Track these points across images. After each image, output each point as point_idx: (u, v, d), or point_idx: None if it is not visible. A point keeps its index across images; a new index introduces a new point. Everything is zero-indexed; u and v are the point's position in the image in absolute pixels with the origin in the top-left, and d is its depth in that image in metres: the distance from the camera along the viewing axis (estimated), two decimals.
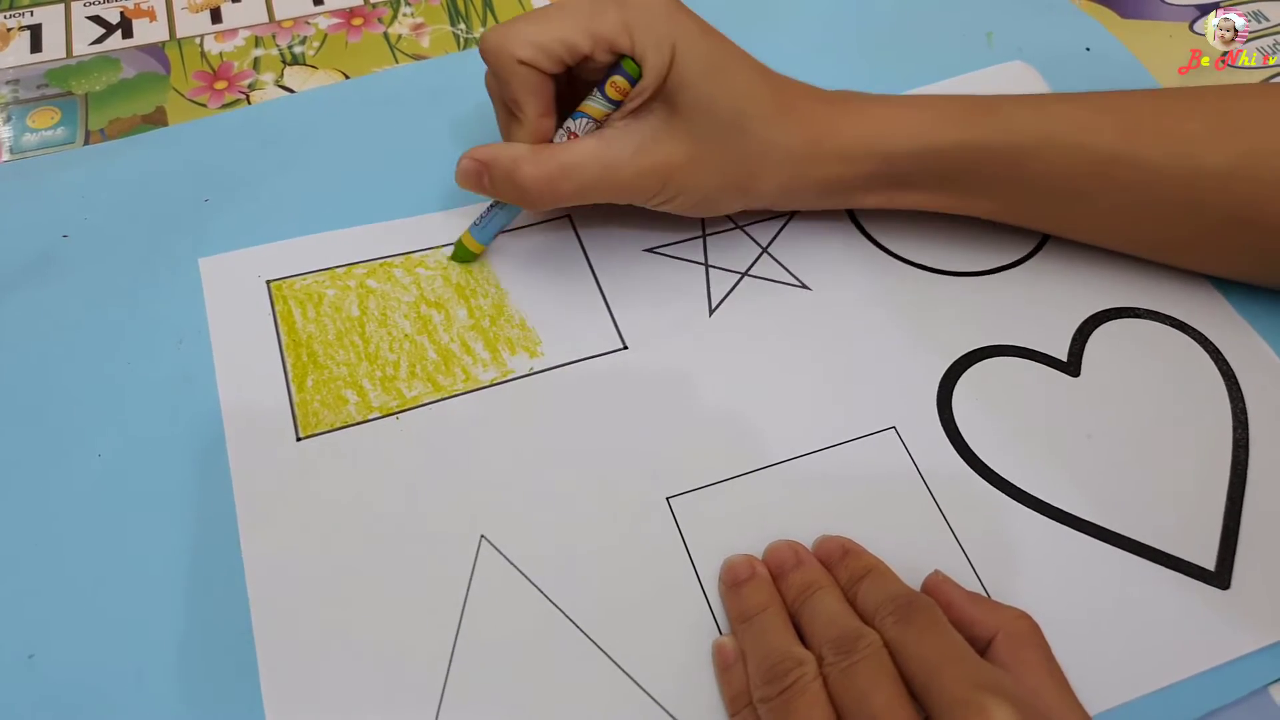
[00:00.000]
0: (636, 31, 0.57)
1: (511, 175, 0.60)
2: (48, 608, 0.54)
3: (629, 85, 0.58)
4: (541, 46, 0.57)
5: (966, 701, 0.43)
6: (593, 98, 0.60)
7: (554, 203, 0.61)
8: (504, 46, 0.58)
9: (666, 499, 0.58)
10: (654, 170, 0.60)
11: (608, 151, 0.60)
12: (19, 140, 0.75)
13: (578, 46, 0.57)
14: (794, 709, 0.46)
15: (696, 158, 0.60)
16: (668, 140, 0.59)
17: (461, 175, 0.63)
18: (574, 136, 0.61)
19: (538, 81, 0.59)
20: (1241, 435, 0.61)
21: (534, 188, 0.60)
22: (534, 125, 0.60)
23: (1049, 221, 0.66)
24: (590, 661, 0.53)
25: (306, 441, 0.59)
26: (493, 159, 0.61)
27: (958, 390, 0.62)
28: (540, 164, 0.60)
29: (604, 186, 0.61)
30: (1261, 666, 0.53)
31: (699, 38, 0.58)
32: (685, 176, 0.61)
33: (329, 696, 0.51)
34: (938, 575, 0.54)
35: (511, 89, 0.59)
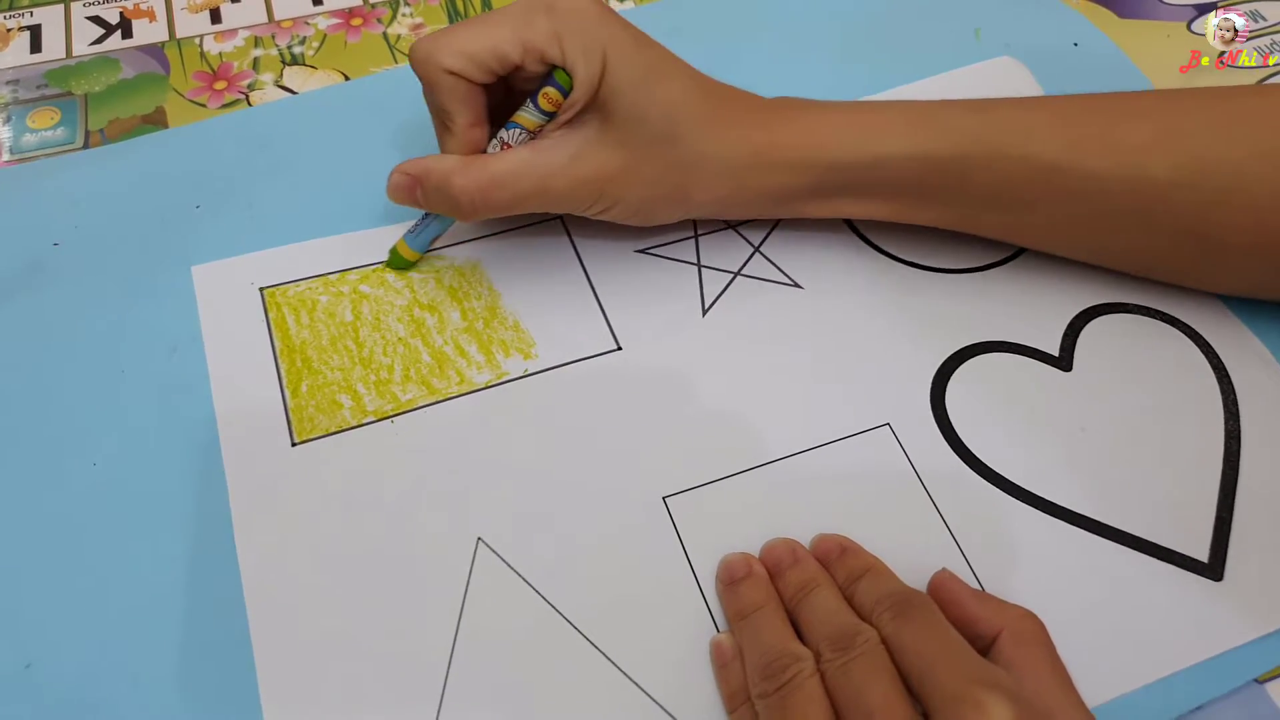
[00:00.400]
0: (566, 40, 0.56)
1: (443, 187, 0.60)
2: (45, 617, 0.54)
3: (561, 96, 0.58)
4: (470, 56, 0.57)
5: (963, 697, 0.43)
6: (525, 108, 0.59)
7: (487, 213, 0.61)
8: (432, 56, 0.57)
9: (663, 498, 0.58)
10: (588, 180, 0.60)
11: (541, 161, 0.59)
12: (19, 141, 0.75)
13: (507, 56, 0.57)
14: (791, 705, 0.46)
15: (630, 167, 0.59)
16: (601, 150, 0.59)
17: (393, 190, 0.63)
18: (507, 147, 0.60)
19: (467, 91, 0.58)
20: (1233, 427, 0.61)
21: (466, 199, 0.60)
22: (464, 136, 0.60)
23: (1000, 230, 0.66)
24: (588, 661, 0.53)
25: (301, 447, 0.59)
26: (424, 172, 0.61)
27: (951, 386, 0.63)
28: (472, 175, 0.59)
29: (538, 197, 0.60)
30: (1255, 657, 0.54)
31: (630, 46, 0.58)
32: (620, 186, 0.60)
33: (327, 701, 0.51)
34: (944, 573, 0.54)
35: (441, 99, 0.59)
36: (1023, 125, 0.61)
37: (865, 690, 0.45)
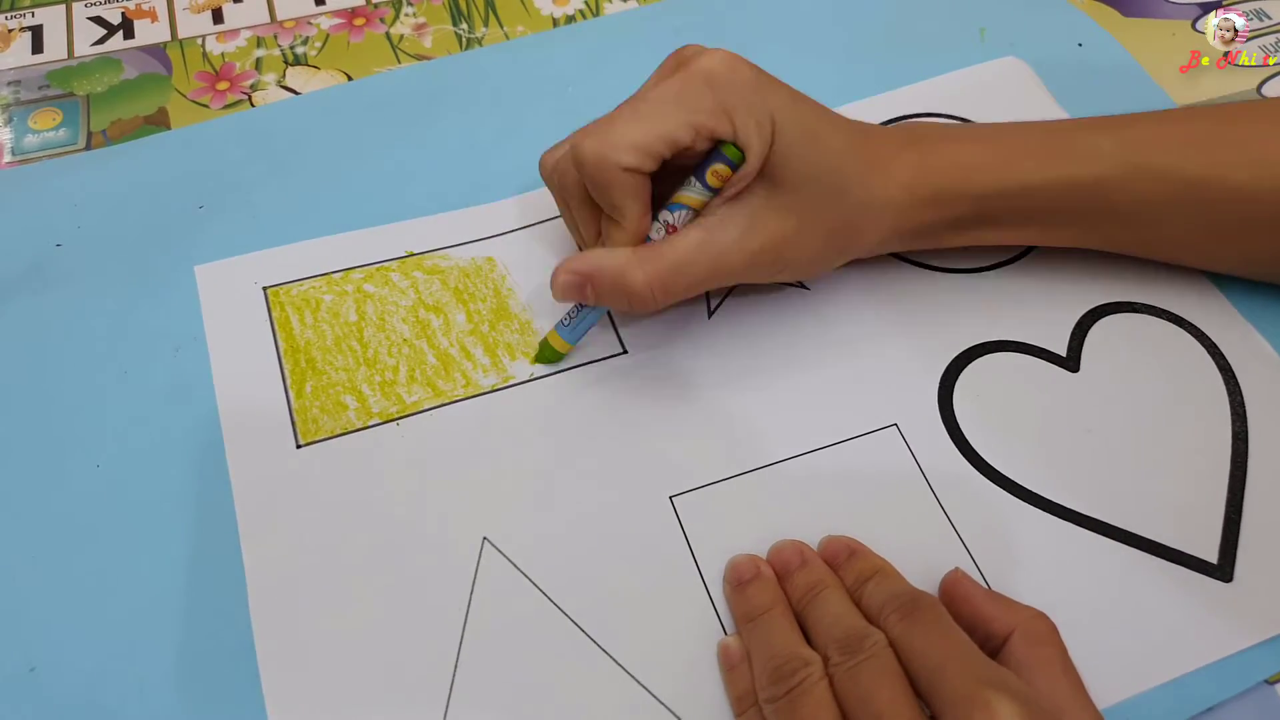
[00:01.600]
0: (737, 115, 0.54)
1: (620, 284, 0.57)
2: (49, 619, 0.54)
3: (730, 170, 0.55)
4: (644, 149, 0.54)
5: (971, 698, 0.43)
6: (690, 187, 0.56)
7: (666, 303, 0.59)
8: (606, 156, 0.54)
9: (669, 498, 0.58)
10: (764, 250, 0.57)
11: (715, 240, 0.57)
12: (21, 142, 0.75)
13: (679, 141, 0.54)
14: (800, 709, 0.46)
15: (802, 228, 0.58)
16: (772, 217, 0.57)
17: (561, 290, 0.59)
18: (671, 229, 0.57)
19: (640, 185, 0.55)
20: (1240, 428, 0.61)
21: (646, 294, 0.57)
22: (636, 227, 0.57)
23: (1135, 246, 0.65)
24: (595, 662, 0.53)
25: (306, 449, 0.59)
26: (596, 270, 0.58)
27: (958, 387, 0.63)
28: (649, 269, 0.57)
29: (717, 276, 0.58)
30: (1265, 659, 0.53)
31: (792, 108, 0.55)
32: (793, 249, 0.59)
33: (332, 703, 0.51)
34: (957, 572, 0.54)
35: (614, 196, 0.56)
36: (1160, 143, 0.61)
37: (873, 694, 0.45)
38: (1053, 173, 0.60)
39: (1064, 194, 0.61)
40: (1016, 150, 0.61)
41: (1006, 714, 0.42)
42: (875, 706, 0.45)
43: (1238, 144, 0.60)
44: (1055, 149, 0.61)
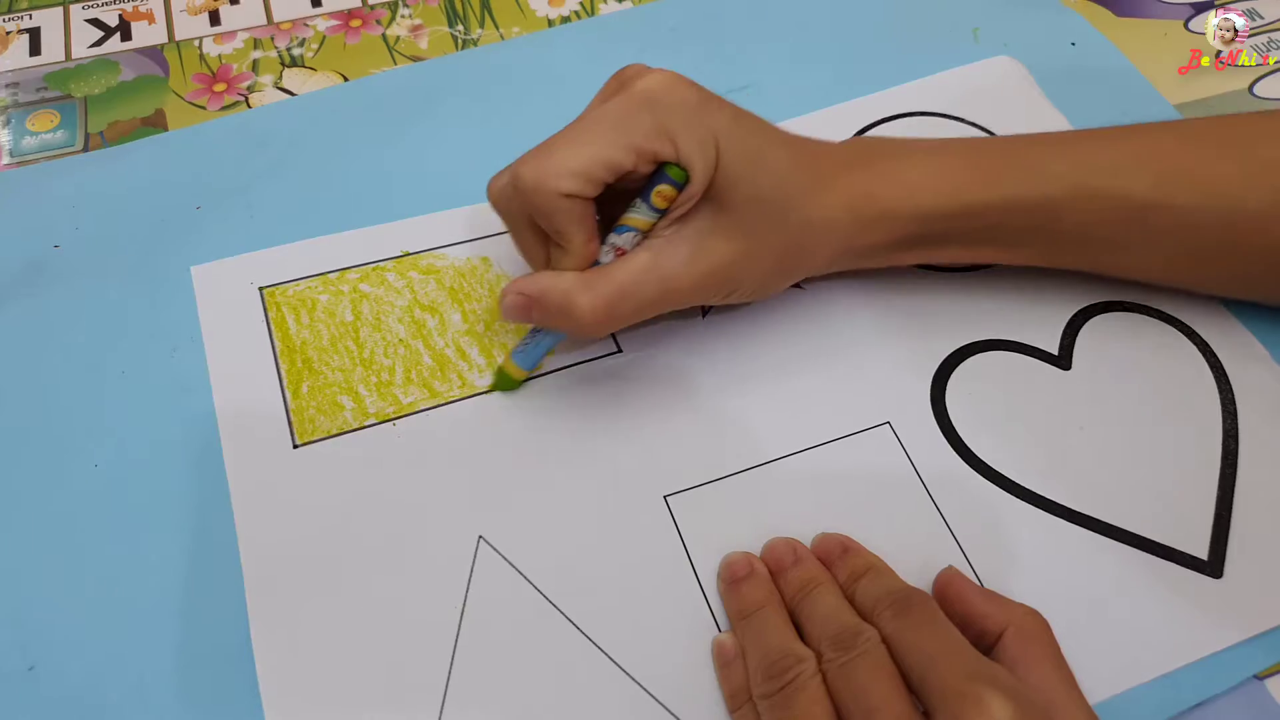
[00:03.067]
0: (678, 136, 0.53)
1: (565, 309, 0.56)
2: (48, 619, 0.54)
3: (675, 192, 0.54)
4: (584, 174, 0.53)
5: (963, 693, 0.43)
6: (636, 209, 0.55)
7: (612, 328, 0.58)
8: (544, 182, 0.53)
9: (664, 497, 0.58)
10: (712, 272, 0.57)
11: (662, 264, 0.56)
12: (19, 143, 0.75)
13: (620, 165, 0.53)
14: (794, 705, 0.46)
15: (750, 250, 0.57)
16: (719, 239, 0.56)
17: (507, 310, 0.58)
18: (621, 252, 0.56)
19: (581, 209, 0.54)
20: (1231, 425, 0.61)
21: (592, 318, 0.56)
22: (581, 252, 0.56)
23: (1091, 266, 0.65)
24: (590, 661, 0.53)
25: (303, 449, 0.59)
26: (541, 293, 0.57)
27: (951, 385, 0.63)
28: (596, 291, 0.55)
29: (664, 301, 0.57)
30: (1255, 654, 0.54)
31: (735, 127, 0.55)
32: (741, 271, 0.58)
33: (329, 702, 0.52)
34: (950, 570, 0.54)
35: (556, 222, 0.55)
36: (1108, 163, 0.60)
37: (867, 690, 0.45)
38: (998, 193, 0.59)
39: (1010, 215, 0.60)
40: (962, 169, 0.60)
41: (998, 709, 0.42)
42: (868, 702, 0.45)
43: (1190, 170, 0.59)
44: (1003, 168, 0.60)
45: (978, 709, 0.42)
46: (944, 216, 0.60)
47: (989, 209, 0.60)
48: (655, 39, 0.82)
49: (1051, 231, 0.61)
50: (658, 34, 0.83)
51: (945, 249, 0.63)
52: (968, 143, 0.63)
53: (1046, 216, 0.60)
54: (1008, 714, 0.42)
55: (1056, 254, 0.64)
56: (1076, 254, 0.64)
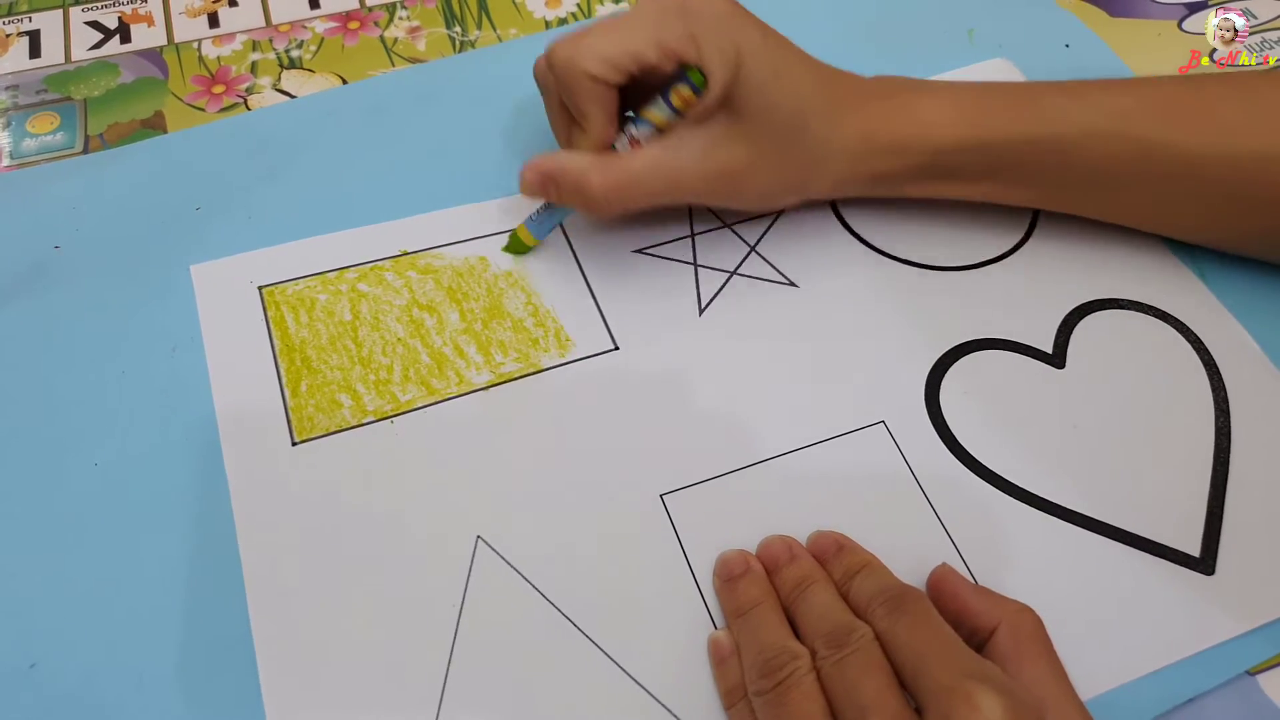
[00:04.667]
0: (703, 42, 0.57)
1: (580, 186, 0.61)
2: (48, 617, 0.54)
3: (694, 95, 0.59)
4: (610, 60, 0.58)
5: (953, 689, 0.43)
6: (656, 105, 0.60)
7: (621, 210, 0.63)
8: (574, 61, 0.58)
9: (660, 496, 0.58)
10: (718, 174, 0.61)
11: (673, 159, 0.60)
12: (19, 146, 0.76)
13: (645, 59, 0.58)
14: (788, 702, 0.47)
15: (759, 160, 0.61)
16: (731, 145, 0.60)
17: (526, 186, 0.64)
18: (635, 143, 0.61)
19: (604, 94, 0.59)
20: (1224, 423, 0.62)
21: (602, 197, 0.61)
22: (600, 134, 0.61)
23: (1092, 208, 0.67)
24: (587, 658, 0.53)
25: (302, 446, 0.60)
26: (559, 170, 0.62)
27: (945, 384, 0.63)
28: (609, 174, 0.60)
29: (670, 192, 0.62)
30: (1246, 650, 0.54)
31: (761, 43, 0.59)
32: (747, 179, 0.62)
33: (329, 699, 0.52)
34: (943, 567, 0.54)
35: (579, 101, 0.60)
36: (1118, 107, 0.62)
37: (859, 686, 0.46)
38: (1012, 130, 0.62)
39: (1022, 151, 0.62)
40: (980, 107, 0.63)
41: (989, 706, 0.42)
42: (861, 699, 0.45)
43: (1196, 111, 0.62)
44: (1018, 108, 0.63)
45: (969, 705, 0.43)
46: (955, 150, 0.63)
47: (1000, 145, 0.62)
48: None
49: (1060, 171, 0.63)
50: None
51: (953, 183, 0.65)
52: (986, 85, 0.65)
53: (1056, 155, 0.62)
54: (999, 711, 0.42)
55: (1064, 194, 0.66)
56: (1084, 195, 0.66)
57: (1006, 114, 0.62)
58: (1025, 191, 0.66)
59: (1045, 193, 0.66)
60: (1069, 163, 0.63)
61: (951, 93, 0.64)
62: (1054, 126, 0.62)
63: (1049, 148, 0.62)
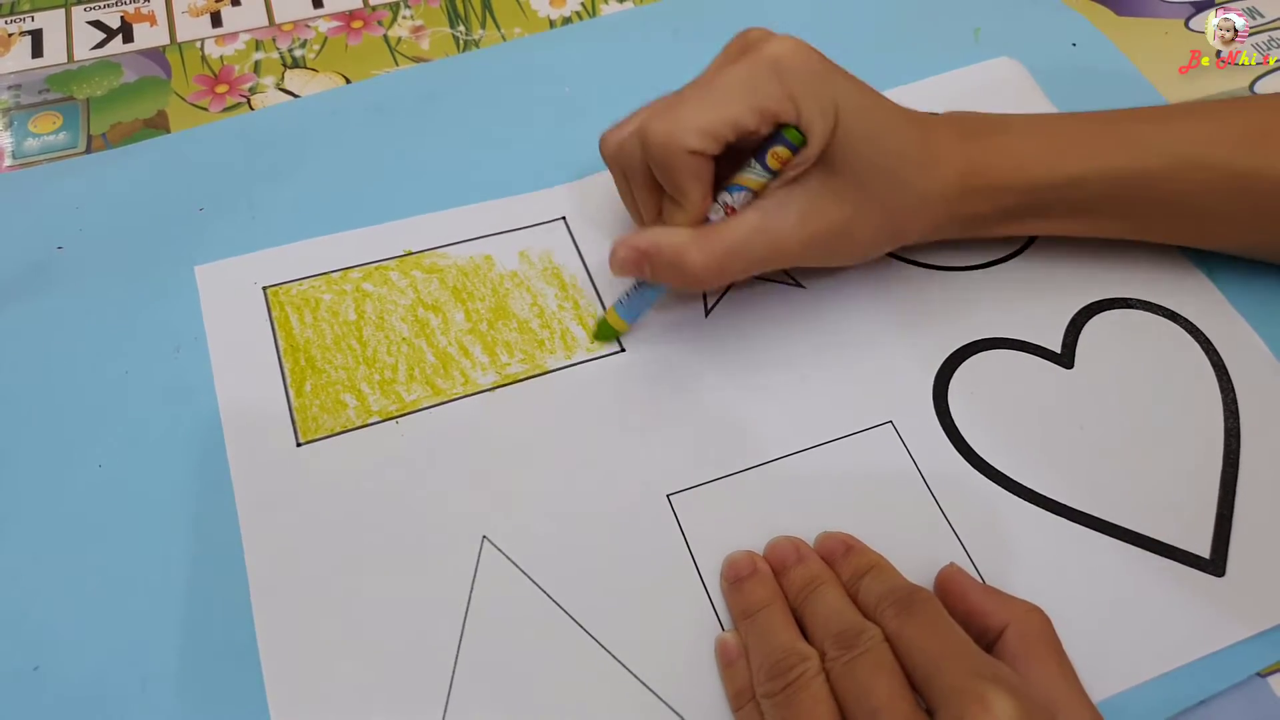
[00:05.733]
0: (802, 101, 0.55)
1: (678, 264, 0.59)
2: (52, 619, 0.54)
3: (791, 154, 0.56)
4: (711, 133, 0.55)
5: (965, 690, 0.43)
6: (750, 169, 0.58)
7: (721, 283, 0.62)
8: (674, 138, 0.55)
9: (667, 496, 0.58)
10: (819, 236, 0.59)
11: (772, 225, 0.58)
12: (21, 145, 0.75)
13: (745, 126, 0.55)
14: (797, 704, 0.46)
15: (857, 216, 0.59)
16: (829, 204, 0.58)
17: (619, 265, 0.61)
18: (730, 210, 0.58)
19: (703, 167, 0.57)
20: (1233, 424, 0.61)
21: (703, 274, 0.59)
22: (697, 209, 0.58)
23: (1188, 238, 0.66)
24: (594, 658, 0.53)
25: (306, 446, 0.59)
26: (654, 248, 0.59)
27: (953, 384, 0.63)
28: (708, 249, 0.58)
29: (773, 259, 0.60)
30: (1257, 652, 0.54)
31: (858, 99, 0.57)
32: (848, 236, 0.60)
33: (334, 701, 0.52)
34: (952, 567, 0.54)
35: (679, 179, 0.57)
36: (1205, 134, 0.62)
37: (870, 688, 0.45)
38: (1101, 164, 0.61)
39: (1112, 186, 0.62)
40: (1066, 142, 0.62)
41: (1001, 707, 0.42)
42: (872, 701, 0.45)
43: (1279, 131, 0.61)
44: (1103, 141, 0.62)
45: (981, 706, 0.42)
46: (1048, 188, 0.62)
47: (1091, 180, 0.61)
48: (657, 40, 0.82)
49: (1151, 202, 0.63)
50: (660, 35, 0.83)
51: (1046, 220, 0.64)
52: (1067, 117, 0.65)
53: (1146, 187, 0.62)
54: (1011, 711, 0.42)
55: (1156, 225, 0.65)
56: (1176, 225, 0.65)
57: (1093, 147, 0.62)
58: (1116, 224, 0.65)
59: (1137, 224, 0.65)
60: (1159, 194, 0.62)
61: (1038, 129, 0.64)
62: (1141, 159, 0.61)
63: (1138, 181, 0.61)
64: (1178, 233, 0.66)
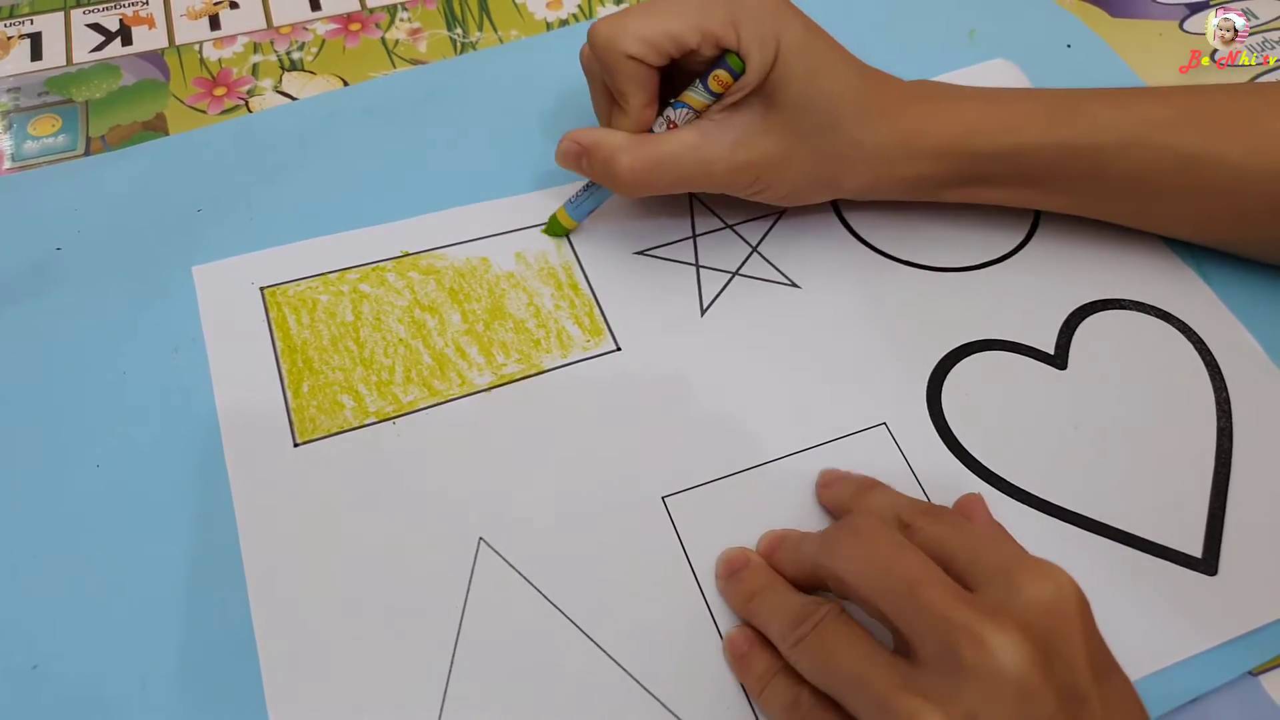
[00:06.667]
0: (744, 28, 0.57)
1: (609, 163, 0.62)
2: (51, 619, 0.54)
3: (731, 79, 0.59)
4: (650, 41, 0.58)
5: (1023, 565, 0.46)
6: (694, 88, 0.60)
7: (648, 191, 0.63)
8: (614, 41, 0.59)
9: (662, 498, 0.58)
10: (748, 165, 0.61)
11: (704, 145, 0.61)
12: (20, 148, 0.76)
13: (685, 41, 0.58)
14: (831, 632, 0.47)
15: (790, 154, 0.61)
16: (763, 136, 0.61)
17: (561, 155, 0.65)
18: (673, 126, 0.62)
19: (644, 75, 0.60)
20: (1225, 423, 0.62)
21: (629, 178, 0.62)
22: (638, 115, 0.61)
23: (1133, 218, 0.67)
24: (589, 659, 0.53)
25: (304, 447, 0.60)
26: (594, 144, 0.63)
27: (947, 385, 0.63)
28: (638, 155, 0.61)
29: (698, 179, 0.62)
30: (1249, 650, 0.54)
31: (803, 36, 0.59)
32: (777, 172, 0.62)
33: (331, 700, 0.52)
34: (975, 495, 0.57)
35: (618, 81, 0.60)
36: (1159, 116, 0.62)
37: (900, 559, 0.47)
38: (1051, 137, 0.62)
39: (1061, 159, 0.63)
40: (1019, 114, 0.63)
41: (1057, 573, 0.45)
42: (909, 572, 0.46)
43: (1237, 123, 0.61)
44: (1057, 116, 0.63)
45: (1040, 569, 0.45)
46: (994, 156, 0.63)
47: (1040, 151, 0.63)
48: None
49: (1099, 178, 0.64)
50: None
51: (990, 189, 0.66)
52: (1024, 91, 0.67)
53: (1096, 163, 0.63)
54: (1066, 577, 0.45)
55: (1103, 203, 0.66)
56: (1122, 203, 0.66)
57: (1046, 120, 0.62)
58: (1064, 199, 0.66)
59: (1084, 200, 0.66)
60: (1108, 172, 0.63)
61: (992, 99, 0.65)
62: (1094, 135, 0.62)
63: (1088, 156, 0.62)
64: (1126, 212, 0.67)
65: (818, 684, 0.47)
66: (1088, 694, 0.42)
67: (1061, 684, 0.42)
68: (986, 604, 0.43)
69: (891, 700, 0.42)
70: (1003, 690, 0.41)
